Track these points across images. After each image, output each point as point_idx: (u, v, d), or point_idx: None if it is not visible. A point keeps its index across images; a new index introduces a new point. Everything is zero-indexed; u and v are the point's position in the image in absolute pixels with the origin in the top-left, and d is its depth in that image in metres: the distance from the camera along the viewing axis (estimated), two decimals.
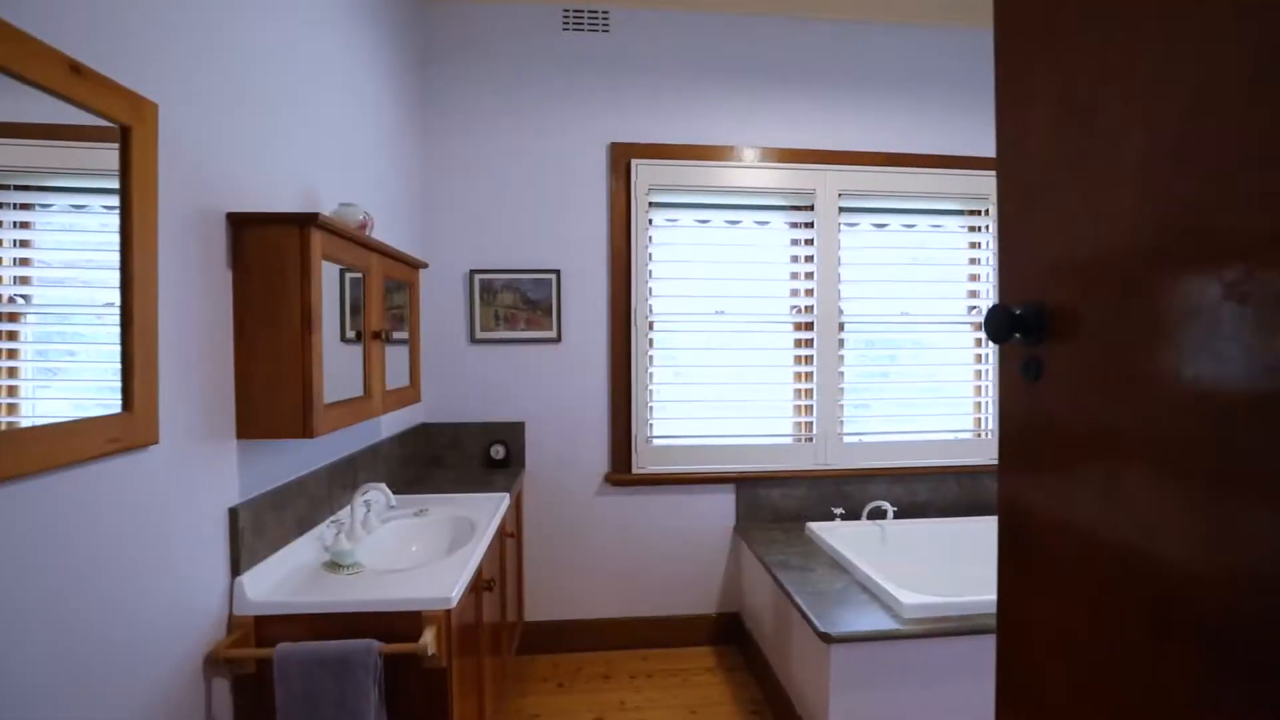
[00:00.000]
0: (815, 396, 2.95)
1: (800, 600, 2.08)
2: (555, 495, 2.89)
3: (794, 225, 2.97)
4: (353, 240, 1.61)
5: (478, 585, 1.80)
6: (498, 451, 2.80)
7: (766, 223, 2.97)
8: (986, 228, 3.04)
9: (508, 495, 2.31)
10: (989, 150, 3.03)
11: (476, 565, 1.68)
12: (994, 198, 3.04)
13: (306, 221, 1.37)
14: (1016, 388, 0.86)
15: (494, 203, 2.84)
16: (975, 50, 3.02)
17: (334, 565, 1.56)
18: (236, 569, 1.37)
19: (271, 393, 1.39)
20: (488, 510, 2.11)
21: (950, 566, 2.78)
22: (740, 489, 2.94)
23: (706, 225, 2.95)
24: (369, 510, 1.92)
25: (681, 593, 2.95)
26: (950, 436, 3.06)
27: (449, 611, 1.42)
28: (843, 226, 2.97)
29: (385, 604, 1.40)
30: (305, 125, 1.74)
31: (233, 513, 1.37)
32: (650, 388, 2.90)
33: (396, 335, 2.04)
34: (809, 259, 2.96)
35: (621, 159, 2.86)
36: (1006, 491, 0.89)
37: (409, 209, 2.65)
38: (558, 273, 2.85)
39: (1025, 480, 0.85)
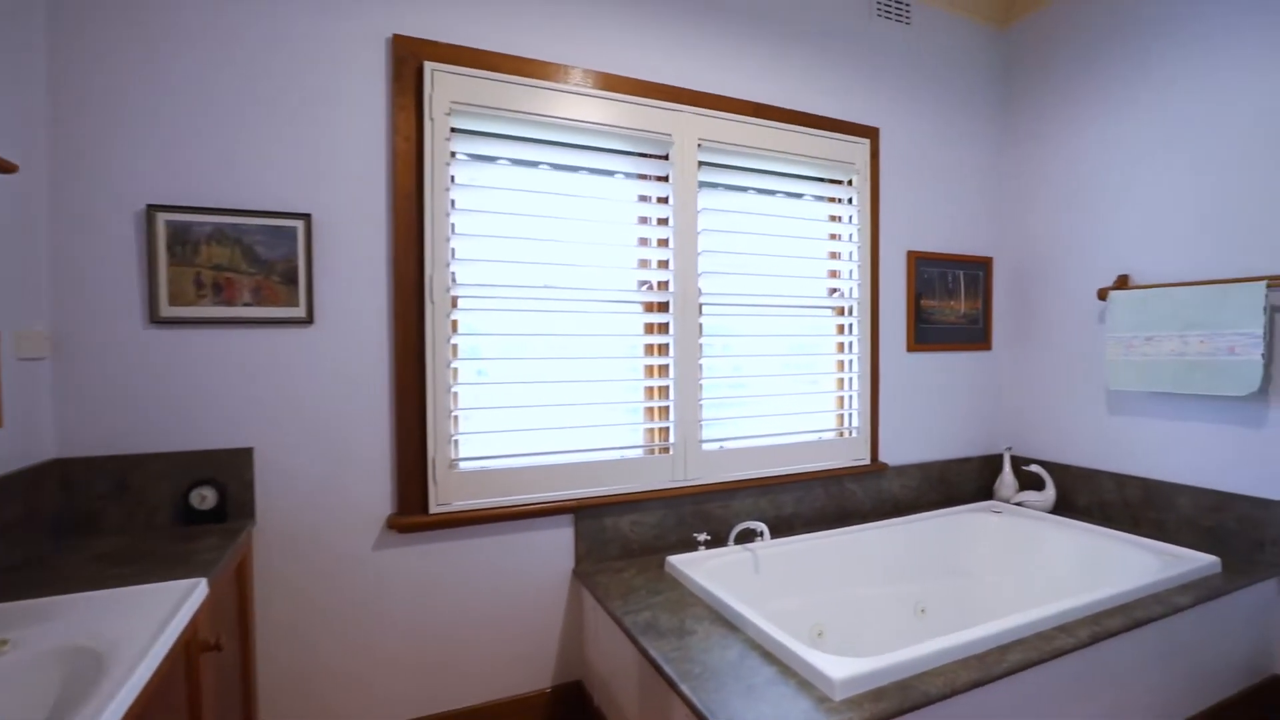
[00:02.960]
0: (673, 395, 2.34)
1: (689, 692, 1.43)
2: (308, 558, 1.91)
3: (644, 178, 2.33)
4: None
5: None
6: (203, 498, 1.75)
7: (611, 173, 2.29)
8: (850, 199, 2.70)
9: (204, 581, 1.33)
10: (863, 116, 2.71)
11: None
12: (860, 165, 2.72)
13: None
14: None
15: (199, 102, 1.78)
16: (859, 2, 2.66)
17: None
18: None
19: None
20: (154, 617, 1.14)
21: (833, 590, 2.36)
22: (580, 520, 2.23)
23: (533, 169, 2.18)
24: None
25: (505, 668, 2.15)
26: (814, 437, 2.67)
27: None
28: (702, 186, 2.40)
29: None
30: None
31: None
32: (454, 389, 2.06)
33: None
34: (663, 221, 2.35)
35: (410, 61, 1.98)
36: None
37: (9, 82, 1.50)
38: (307, 219, 1.88)
39: None
